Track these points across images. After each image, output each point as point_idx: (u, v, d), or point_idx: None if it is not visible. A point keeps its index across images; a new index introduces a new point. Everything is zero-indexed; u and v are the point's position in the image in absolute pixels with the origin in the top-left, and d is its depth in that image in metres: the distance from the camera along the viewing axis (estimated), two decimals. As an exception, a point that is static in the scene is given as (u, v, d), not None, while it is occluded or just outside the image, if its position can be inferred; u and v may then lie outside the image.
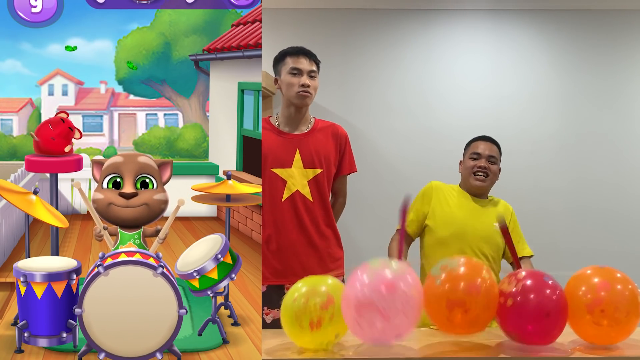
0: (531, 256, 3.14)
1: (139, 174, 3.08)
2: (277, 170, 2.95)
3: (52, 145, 3.83)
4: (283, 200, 2.94)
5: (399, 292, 1.94)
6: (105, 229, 3.14)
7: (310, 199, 2.96)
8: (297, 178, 2.94)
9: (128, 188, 3.05)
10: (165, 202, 3.15)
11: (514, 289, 2.07)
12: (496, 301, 2.06)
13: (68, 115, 3.93)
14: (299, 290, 2.14)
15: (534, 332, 2.04)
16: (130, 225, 3.12)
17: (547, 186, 4.73)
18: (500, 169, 3.18)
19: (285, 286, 2.97)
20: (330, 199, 3.11)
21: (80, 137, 3.97)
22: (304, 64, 2.95)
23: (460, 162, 3.19)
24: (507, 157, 4.68)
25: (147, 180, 3.10)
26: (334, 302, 2.06)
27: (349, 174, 3.14)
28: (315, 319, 2.05)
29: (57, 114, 3.91)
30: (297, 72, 2.95)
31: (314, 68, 2.98)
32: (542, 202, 4.70)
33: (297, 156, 2.95)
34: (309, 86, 2.93)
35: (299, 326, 2.07)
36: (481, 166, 3.06)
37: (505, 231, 2.31)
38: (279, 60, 3.04)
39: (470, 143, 3.19)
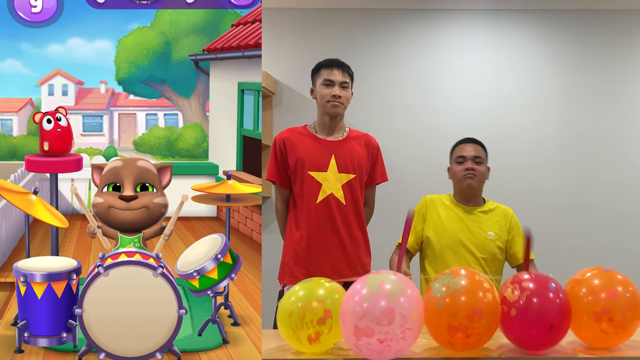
0: (533, 259, 3.14)
1: (138, 179, 3.09)
2: (313, 174, 3.05)
3: (59, 140, 3.83)
4: (318, 202, 3.03)
5: (398, 319, 1.91)
6: (99, 227, 3.14)
7: (344, 203, 3.05)
8: (331, 182, 3.04)
9: (128, 191, 3.05)
10: (165, 206, 3.15)
11: (517, 297, 2.04)
12: (498, 320, 2.05)
13: (66, 113, 3.92)
14: (295, 294, 2.12)
15: (537, 340, 2.03)
16: (130, 228, 3.11)
17: (547, 186, 4.73)
18: (489, 168, 3.18)
19: None
20: None
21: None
22: (337, 75, 3.06)
23: (449, 168, 3.20)
24: (507, 156, 4.71)
25: (147, 185, 3.10)
26: (331, 316, 2.04)
27: (380, 183, 3.24)
28: (314, 334, 2.04)
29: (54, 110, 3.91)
30: (329, 83, 3.06)
31: (347, 80, 3.09)
32: (542, 201, 4.70)
33: (333, 161, 3.06)
34: (340, 97, 3.04)
35: (297, 340, 2.07)
36: (468, 168, 3.07)
37: (527, 241, 2.30)
38: (315, 72, 3.15)
39: (455, 147, 3.21)
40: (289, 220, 3.13)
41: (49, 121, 3.84)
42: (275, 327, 2.96)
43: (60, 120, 3.86)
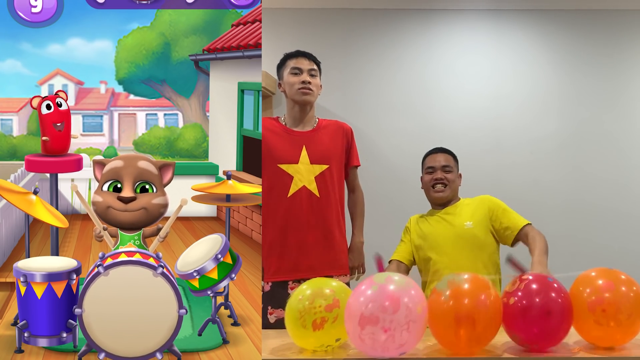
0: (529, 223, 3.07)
1: (138, 180, 3.07)
2: (283, 166, 2.98)
3: (60, 138, 3.82)
4: (289, 195, 2.96)
5: (403, 309, 1.95)
6: (105, 229, 3.14)
7: (318, 195, 2.98)
8: (303, 174, 2.98)
9: (127, 192, 3.04)
10: (164, 206, 3.13)
11: (516, 288, 2.07)
12: (500, 317, 2.06)
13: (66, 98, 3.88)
14: (303, 292, 2.15)
15: (538, 333, 2.04)
16: (128, 227, 3.11)
17: (546, 185, 4.73)
18: (460, 175, 3.20)
19: (289, 283, 2.97)
20: (348, 195, 3.17)
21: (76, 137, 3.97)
22: (304, 63, 3.02)
23: (421, 178, 3.22)
24: (506, 156, 4.71)
25: (147, 186, 3.09)
26: (339, 306, 2.07)
27: (357, 166, 3.21)
28: (319, 320, 2.05)
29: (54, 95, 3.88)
30: (297, 71, 3.01)
31: (314, 67, 3.04)
32: (542, 200, 4.70)
33: (304, 152, 2.99)
34: (309, 82, 2.99)
35: (301, 326, 2.08)
36: (437, 178, 3.11)
37: (514, 264, 2.29)
38: (281, 64, 3.10)
39: (424, 159, 3.24)
40: (262, 216, 3.06)
41: (48, 107, 3.78)
42: (264, 327, 2.96)
43: (60, 105, 3.81)
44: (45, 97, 3.78)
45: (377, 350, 1.98)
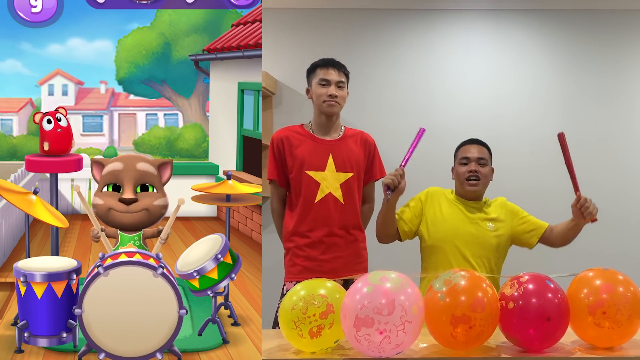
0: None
1: (138, 182, 3.09)
2: (311, 173, 3.05)
3: (59, 140, 3.83)
4: (316, 201, 3.03)
5: (398, 310, 1.94)
6: (102, 230, 3.14)
7: (342, 202, 3.05)
8: (329, 181, 3.05)
9: (128, 194, 3.05)
10: (165, 207, 3.15)
11: (515, 293, 2.06)
12: (498, 315, 2.06)
13: (65, 114, 3.93)
14: (297, 293, 2.14)
15: (535, 336, 2.04)
16: (130, 229, 3.13)
17: (546, 186, 4.72)
18: (493, 170, 3.17)
19: None
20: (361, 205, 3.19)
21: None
22: (333, 75, 3.07)
23: (452, 168, 3.20)
24: (506, 157, 4.70)
25: (147, 186, 3.10)
26: (333, 310, 2.06)
27: (379, 179, 3.22)
28: (315, 329, 2.05)
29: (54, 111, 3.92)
30: (325, 82, 3.06)
31: (343, 79, 3.10)
32: (542, 202, 4.68)
33: (330, 160, 3.07)
34: (336, 96, 3.05)
35: (298, 335, 2.08)
36: (472, 170, 3.06)
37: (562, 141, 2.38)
38: (310, 71, 3.15)
39: (459, 148, 3.18)
40: (286, 220, 3.13)
41: (49, 121, 3.84)
42: (274, 326, 2.98)
43: (60, 120, 3.86)
44: (46, 112, 3.85)
45: (374, 351, 1.98)
